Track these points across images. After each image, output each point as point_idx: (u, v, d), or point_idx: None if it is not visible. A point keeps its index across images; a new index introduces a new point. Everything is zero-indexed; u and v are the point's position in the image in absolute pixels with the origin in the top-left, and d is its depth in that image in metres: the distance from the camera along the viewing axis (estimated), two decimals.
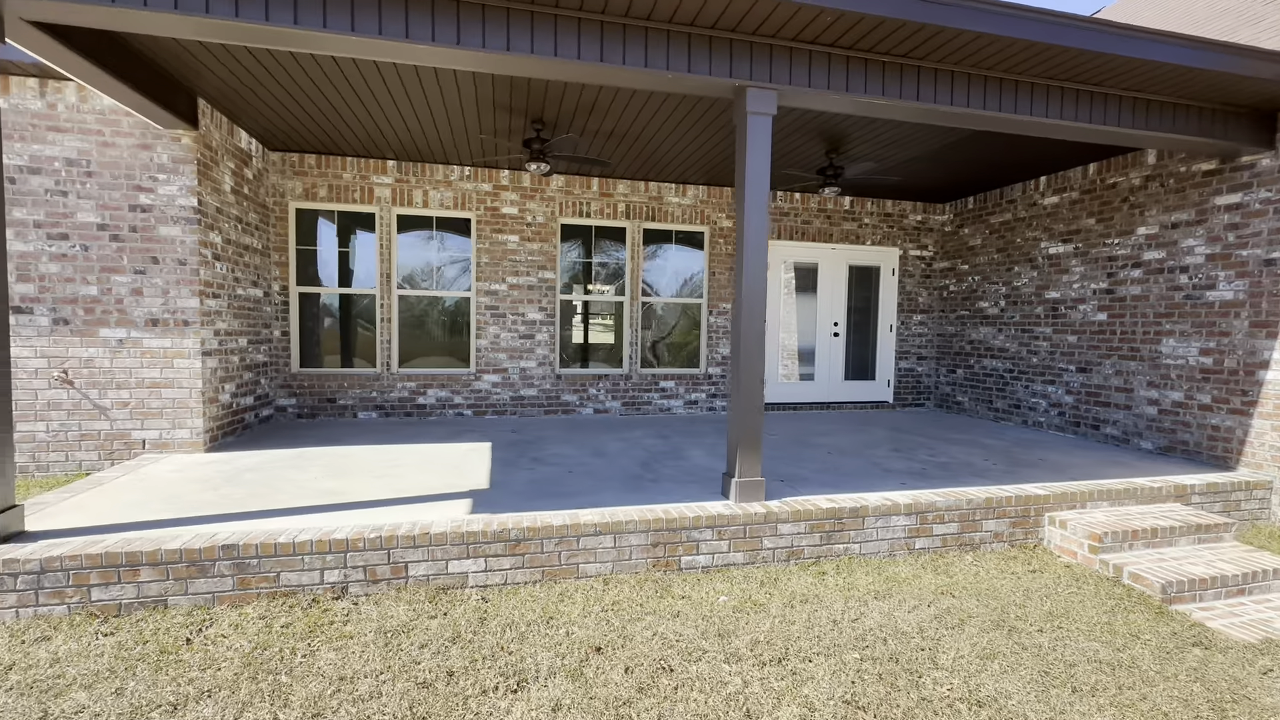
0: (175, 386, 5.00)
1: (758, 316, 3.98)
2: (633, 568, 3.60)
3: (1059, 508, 4.34)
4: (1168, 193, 5.63)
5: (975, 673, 2.79)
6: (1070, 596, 3.58)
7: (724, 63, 3.72)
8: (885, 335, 8.63)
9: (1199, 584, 3.63)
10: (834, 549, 3.93)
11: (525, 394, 7.31)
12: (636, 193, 7.51)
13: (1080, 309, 6.48)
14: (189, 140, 4.92)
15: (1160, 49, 3.98)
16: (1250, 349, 4.99)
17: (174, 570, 3.01)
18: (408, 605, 3.16)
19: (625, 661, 2.76)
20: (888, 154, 6.29)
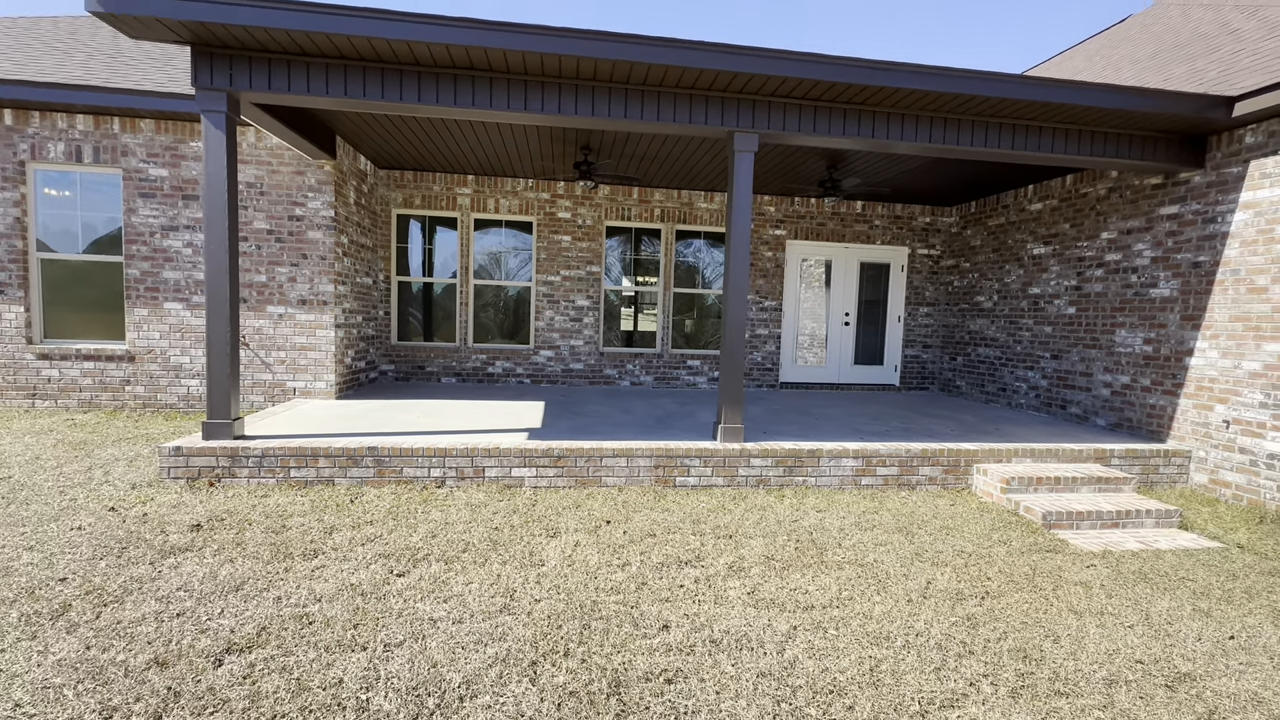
0: (316, 350, 6.76)
1: (740, 307, 5.25)
2: (640, 482, 5.00)
3: (987, 461, 5.42)
4: (1125, 203, 6.47)
5: (866, 551, 4.04)
6: (969, 518, 4.73)
7: (717, 115, 5.01)
8: (894, 325, 9.63)
9: (1076, 516, 4.69)
10: (794, 480, 5.19)
11: (574, 367, 8.81)
12: (670, 199, 8.84)
13: (1055, 303, 7.35)
14: (329, 167, 6.63)
15: (1069, 94, 4.98)
16: (1180, 339, 5.84)
17: (338, 461, 4.64)
18: (485, 493, 4.68)
19: (625, 529, 4.17)
20: (872, 171, 7.36)
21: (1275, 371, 5.03)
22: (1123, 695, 2.65)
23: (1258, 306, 5.17)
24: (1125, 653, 2.98)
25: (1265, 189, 5.14)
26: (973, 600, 3.44)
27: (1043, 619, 3.26)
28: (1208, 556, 4.18)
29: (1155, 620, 3.30)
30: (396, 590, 3.16)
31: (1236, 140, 5.39)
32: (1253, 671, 2.87)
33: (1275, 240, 5.06)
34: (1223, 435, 5.42)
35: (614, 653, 2.73)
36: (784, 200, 9.08)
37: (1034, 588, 3.63)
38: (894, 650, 2.90)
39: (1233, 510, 5.13)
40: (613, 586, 3.35)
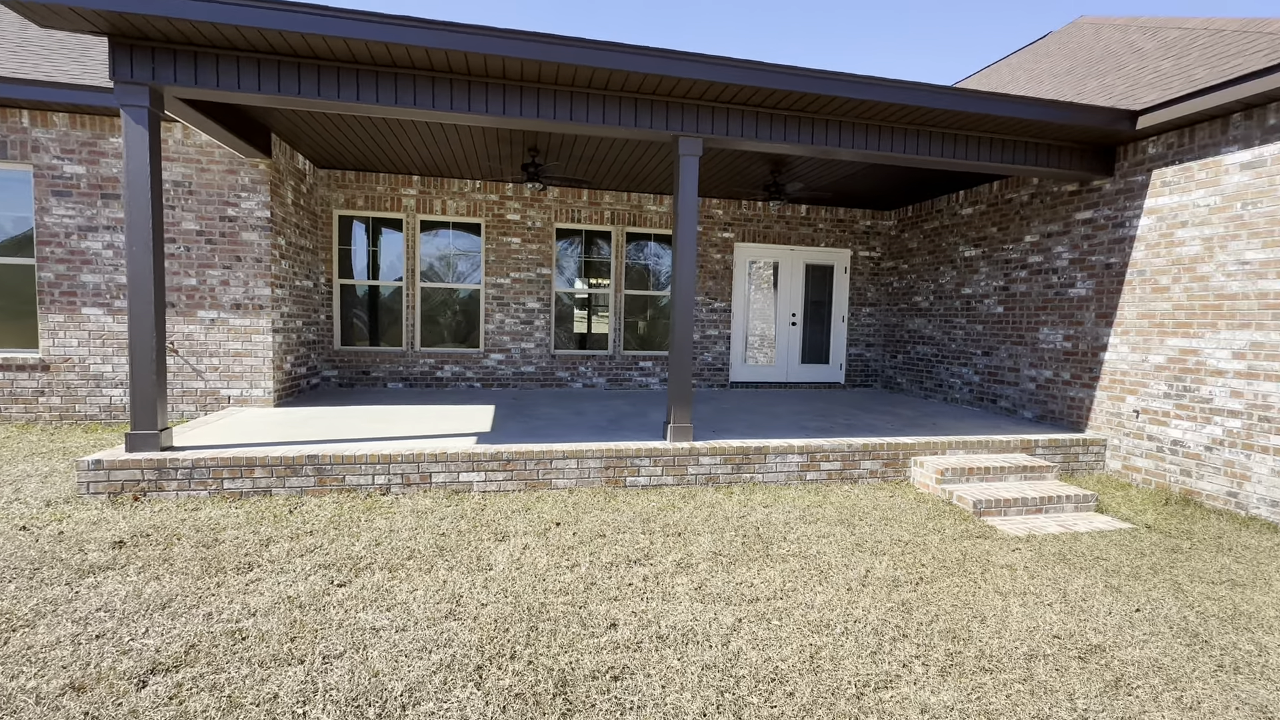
0: (253, 356, 6.49)
1: (688, 308, 5.33)
2: (590, 483, 5.02)
3: (923, 454, 5.67)
4: (1045, 208, 6.90)
5: (809, 544, 4.17)
6: (907, 509, 4.94)
7: (662, 119, 5.08)
8: (838, 325, 9.95)
9: (1004, 503, 4.96)
10: (742, 477, 5.31)
11: (525, 370, 8.74)
12: (620, 202, 8.88)
13: (986, 303, 7.76)
14: (264, 166, 6.38)
15: (997, 105, 5.28)
16: (1096, 335, 6.26)
17: (276, 470, 4.48)
18: (431, 499, 4.60)
19: (575, 530, 4.18)
20: (814, 176, 7.61)
21: (1177, 364, 5.46)
22: (1041, 668, 2.83)
23: (1161, 304, 5.60)
24: (1044, 629, 3.18)
25: (1166, 196, 5.58)
26: (908, 586, 3.60)
27: (971, 601, 3.45)
28: (1119, 537, 4.50)
29: (1072, 598, 3.54)
30: (337, 601, 3.08)
31: (1141, 151, 5.83)
32: (1155, 640, 3.11)
33: (1175, 244, 5.49)
34: (1133, 424, 5.84)
35: (561, 653, 2.74)
36: (732, 203, 9.26)
37: (964, 572, 3.83)
38: (833, 637, 3.01)
39: (1142, 493, 5.53)
40: (561, 588, 3.36)
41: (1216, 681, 2.79)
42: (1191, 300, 5.35)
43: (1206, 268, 5.23)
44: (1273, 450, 4.77)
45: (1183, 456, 5.40)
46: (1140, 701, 2.62)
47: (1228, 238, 5.08)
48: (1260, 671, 2.89)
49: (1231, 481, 5.04)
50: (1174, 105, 5.22)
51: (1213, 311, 5.18)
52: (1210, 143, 5.23)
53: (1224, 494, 5.08)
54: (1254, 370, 4.89)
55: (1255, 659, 2.99)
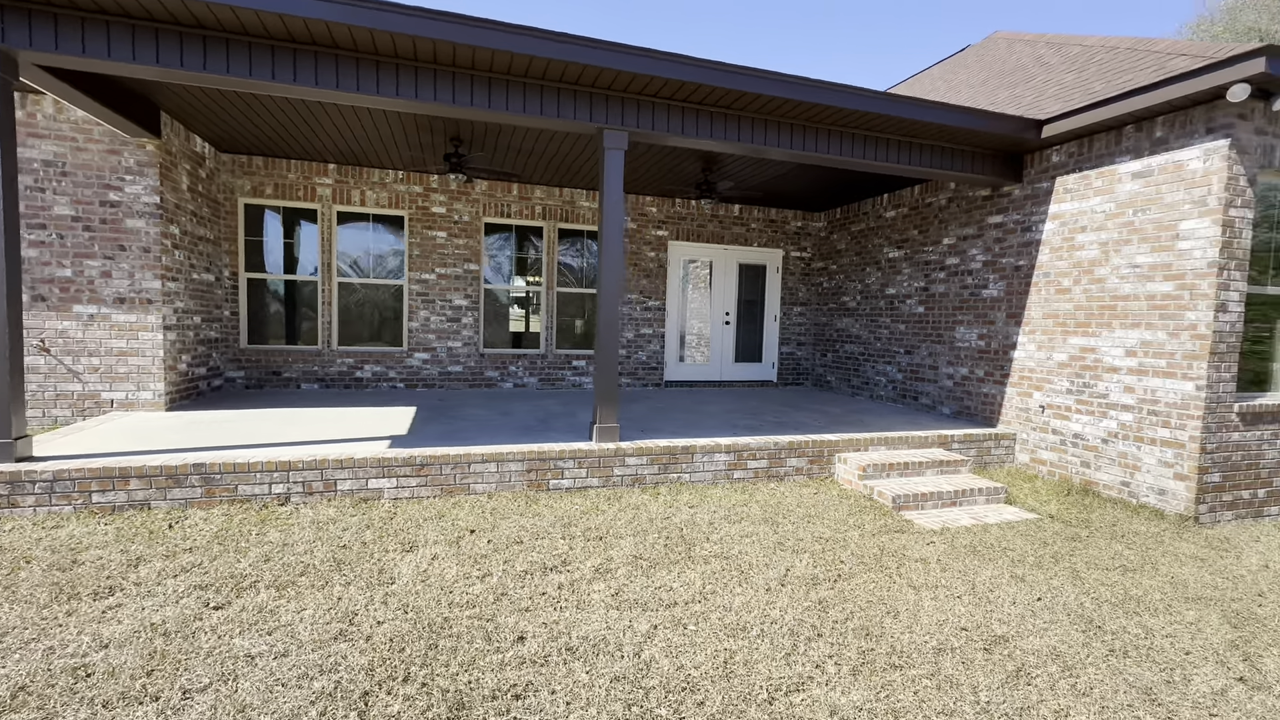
0: (140, 355, 5.90)
1: (614, 305, 5.20)
2: (511, 487, 4.81)
3: (847, 450, 5.77)
4: (961, 212, 7.17)
5: (732, 544, 4.12)
6: (830, 505, 4.99)
7: (586, 110, 4.93)
8: (770, 324, 10.08)
9: (921, 497, 5.09)
10: (669, 477, 5.23)
11: (452, 370, 8.40)
12: (552, 197, 8.67)
13: (908, 303, 8.01)
14: (152, 147, 5.82)
15: (920, 110, 5.42)
16: (1006, 334, 6.55)
17: (155, 481, 4.05)
18: (336, 508, 4.29)
19: (491, 538, 3.97)
20: (745, 175, 7.66)
21: (1078, 362, 5.76)
22: (948, 662, 2.86)
23: (1063, 305, 5.90)
24: (953, 622, 3.23)
25: (1068, 202, 5.88)
26: (826, 584, 3.60)
27: (886, 597, 3.48)
28: (1025, 527, 4.69)
29: (979, 589, 3.63)
30: (210, 626, 2.77)
31: (1046, 159, 6.13)
32: (1054, 629, 3.21)
33: (1075, 248, 5.80)
34: (1039, 419, 6.14)
35: (460, 672, 2.55)
36: (666, 201, 9.21)
37: (881, 567, 3.87)
38: (749, 640, 2.95)
39: (1048, 484, 5.82)
40: (469, 600, 3.16)
41: (1107, 666, 2.89)
42: (1090, 301, 5.65)
43: (1103, 270, 5.54)
44: (1160, 442, 5.09)
45: (1082, 449, 5.71)
46: (1039, 690, 2.68)
47: (1121, 242, 5.40)
48: (1146, 654, 3.02)
49: (1124, 472, 5.35)
50: (1074, 116, 5.50)
51: (1108, 312, 5.49)
52: (1106, 153, 5.54)
53: (1118, 484, 5.40)
54: (1144, 367, 5.21)
55: (1142, 641, 3.13)
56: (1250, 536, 4.76)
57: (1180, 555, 4.30)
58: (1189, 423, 4.90)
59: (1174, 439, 5.00)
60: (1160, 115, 5.10)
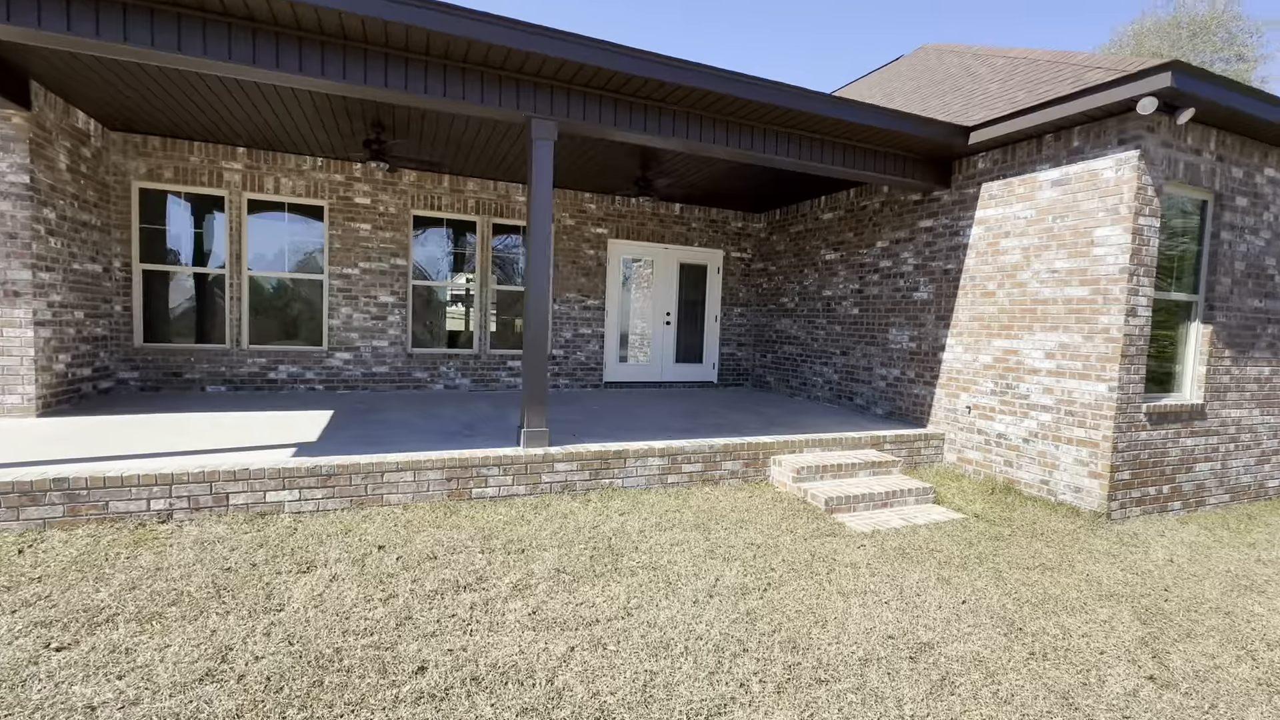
0: (6, 354, 5.23)
1: (542, 303, 4.95)
2: (430, 497, 4.50)
3: (782, 452, 5.72)
4: (894, 215, 7.29)
5: (662, 553, 3.95)
6: (764, 509, 4.90)
7: (512, 98, 4.67)
8: (711, 325, 10.04)
9: (853, 499, 5.08)
10: (601, 483, 5.03)
11: (377, 371, 7.92)
12: (486, 190, 8.32)
13: (844, 304, 8.10)
14: (20, 120, 5.17)
15: (860, 113, 5.43)
16: (936, 336, 6.68)
17: (6, 500, 3.53)
18: (227, 525, 3.87)
19: (401, 554, 3.66)
20: (684, 173, 7.55)
21: (1002, 364, 5.92)
22: (874, 674, 2.78)
23: (989, 308, 6.05)
24: (880, 630, 3.16)
25: (992, 208, 6.03)
26: (755, 594, 3.48)
27: (815, 605, 3.39)
28: (952, 528, 4.74)
29: (907, 593, 3.60)
30: (46, 672, 2.38)
31: (973, 165, 6.27)
32: (977, 633, 3.20)
33: (999, 252, 5.95)
34: (966, 419, 6.28)
35: (346, 713, 2.27)
36: (605, 198, 9.01)
37: (811, 574, 3.79)
38: (672, 660, 2.78)
39: (974, 483, 5.95)
40: (367, 627, 2.86)
41: (1028, 670, 2.88)
42: (1013, 305, 5.81)
43: (1025, 274, 5.70)
44: (1076, 441, 5.26)
45: (1005, 448, 5.86)
46: (962, 700, 2.62)
47: (1041, 248, 5.56)
48: (1064, 655, 3.04)
49: (1044, 471, 5.52)
50: (998, 124, 5.63)
51: (1029, 315, 5.66)
52: (1028, 160, 5.70)
53: (1038, 482, 5.56)
54: (1062, 369, 5.38)
55: (1060, 643, 3.15)
56: (1156, 531, 4.97)
57: (1094, 552, 4.43)
58: (1102, 423, 5.08)
59: (1089, 438, 5.17)
60: (1077, 125, 5.28)
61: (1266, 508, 5.87)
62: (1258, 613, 3.67)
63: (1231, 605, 3.75)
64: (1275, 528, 5.35)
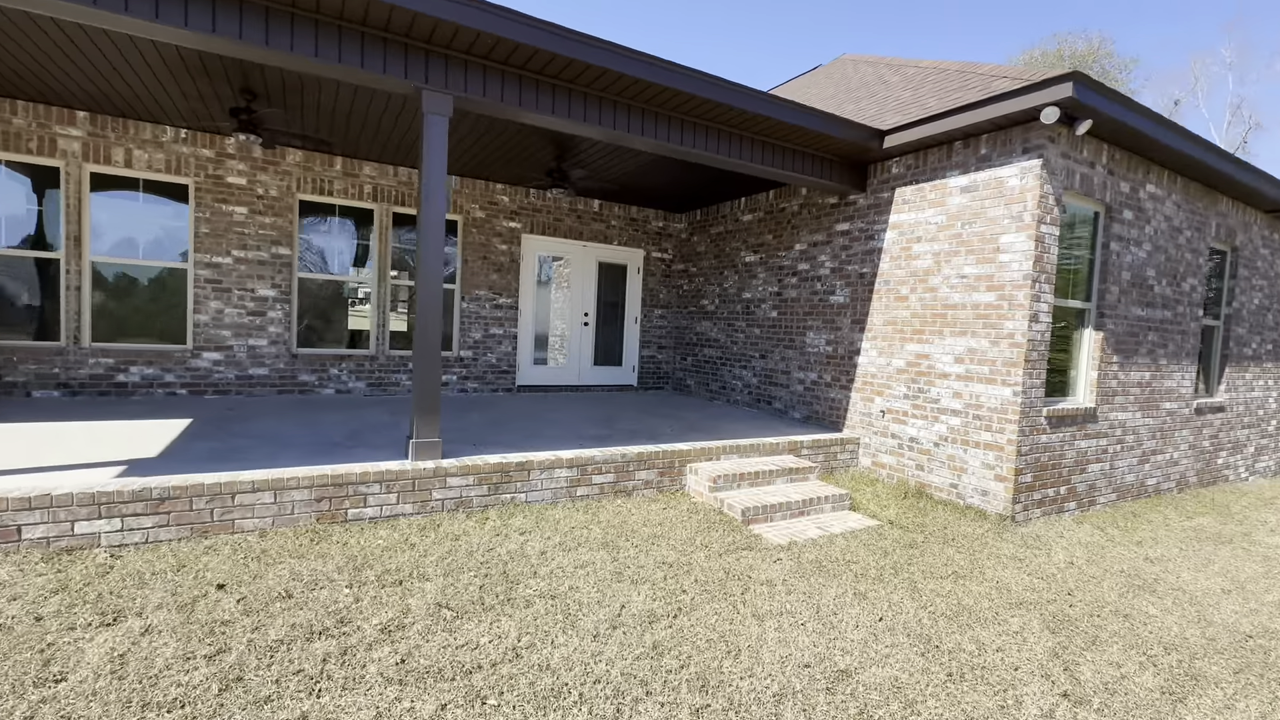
0: None
1: (434, 300, 4.42)
2: (295, 521, 3.87)
3: (699, 460, 5.45)
4: (812, 218, 7.25)
5: (564, 578, 3.55)
6: (678, 522, 4.60)
7: (400, 64, 4.13)
8: (631, 326, 9.72)
9: (770, 509, 4.88)
10: (502, 498, 4.55)
11: (255, 373, 7.03)
12: (385, 176, 7.60)
13: (763, 307, 8.00)
14: None
15: (786, 111, 5.26)
16: (851, 340, 6.66)
17: None
18: (16, 566, 3.10)
19: (246, 594, 3.05)
20: (601, 165, 7.20)
21: (914, 368, 5.94)
22: (789, 710, 2.50)
23: (902, 312, 6.07)
24: (796, 657, 2.91)
25: (905, 213, 6.06)
26: (664, 621, 3.15)
27: (728, 632, 3.09)
28: (868, 536, 4.62)
29: (824, 612, 3.38)
30: None
31: (887, 170, 6.29)
32: (895, 655, 3.00)
33: (912, 257, 5.97)
34: (880, 423, 6.28)
35: None
36: (519, 191, 8.49)
37: (725, 595, 3.50)
38: (562, 712, 2.38)
39: (888, 488, 5.93)
40: (178, 697, 2.28)
41: (947, 696, 2.70)
42: (925, 309, 5.84)
43: (936, 279, 5.74)
44: (983, 445, 5.32)
45: (917, 452, 5.88)
46: None
47: (951, 253, 5.61)
48: (980, 675, 2.89)
49: (953, 474, 5.56)
50: (911, 129, 5.64)
51: (940, 320, 5.70)
52: (939, 166, 5.75)
53: (948, 485, 5.60)
54: (970, 373, 5.43)
55: (976, 660, 3.02)
56: (1056, 533, 5.08)
57: (1002, 556, 4.43)
58: (1007, 427, 5.15)
59: (994, 442, 5.23)
60: (985, 133, 5.35)
61: (1147, 505, 6.21)
62: (1152, 614, 3.73)
63: (1129, 607, 3.79)
64: (1156, 524, 5.64)
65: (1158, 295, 6.27)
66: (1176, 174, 6.26)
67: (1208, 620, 3.72)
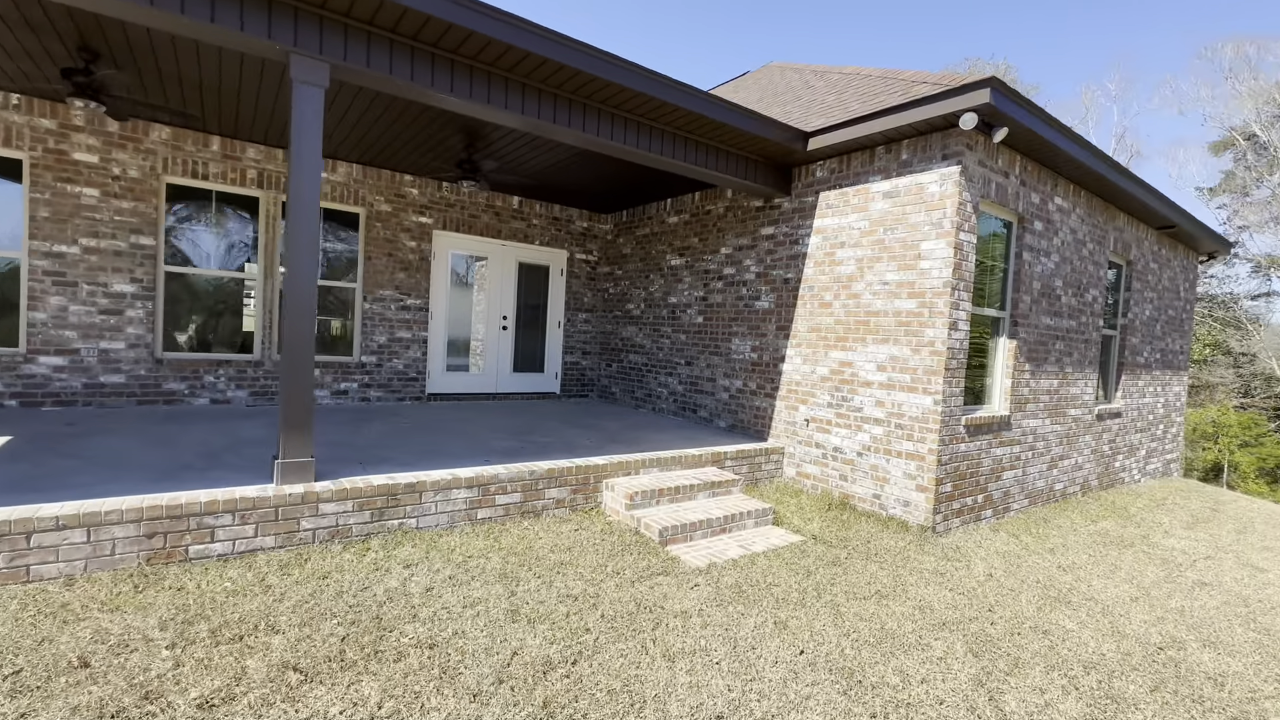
0: None
1: (305, 297, 3.83)
2: (116, 564, 3.19)
3: (616, 475, 5.07)
4: (737, 221, 7.05)
5: (448, 620, 3.06)
6: (590, 545, 4.19)
7: (262, 21, 3.53)
8: (554, 331, 9.25)
9: (690, 527, 4.55)
10: (388, 525, 4.00)
11: (109, 381, 6.07)
12: (273, 161, 6.81)
13: (689, 312, 7.75)
14: None
15: (716, 108, 4.98)
16: (776, 347, 6.48)
17: None
18: None
19: (23, 667, 2.40)
20: (516, 158, 6.73)
21: (838, 376, 5.80)
22: None
23: (826, 319, 5.93)
24: (708, 707, 2.56)
25: (829, 218, 5.94)
26: (560, 670, 2.73)
27: (634, 678, 2.71)
28: (790, 554, 4.37)
29: (741, 647, 3.06)
30: None
31: (811, 173, 6.16)
32: (817, 695, 2.71)
33: (836, 263, 5.85)
34: (804, 432, 6.11)
35: None
36: (430, 184, 7.86)
37: (634, 632, 3.12)
38: None
39: (812, 499, 5.75)
40: None
41: None
42: (849, 316, 5.72)
43: (859, 286, 5.63)
44: (905, 455, 5.22)
45: (841, 462, 5.74)
46: None
47: (874, 260, 5.51)
48: (905, 714, 2.65)
49: (876, 485, 5.44)
50: (835, 131, 5.51)
51: (863, 327, 5.58)
52: (862, 171, 5.66)
53: (871, 496, 5.47)
54: (892, 381, 5.33)
55: (900, 695, 2.78)
56: (974, 543, 5.03)
57: (924, 571, 4.28)
58: (928, 436, 5.06)
59: (916, 452, 5.14)
60: (907, 138, 5.28)
61: (1056, 510, 6.35)
62: (1069, 628, 3.65)
63: (1047, 622, 3.70)
64: (1065, 529, 5.73)
65: (1064, 305, 6.44)
66: (1081, 188, 6.47)
67: (1121, 632, 3.67)
